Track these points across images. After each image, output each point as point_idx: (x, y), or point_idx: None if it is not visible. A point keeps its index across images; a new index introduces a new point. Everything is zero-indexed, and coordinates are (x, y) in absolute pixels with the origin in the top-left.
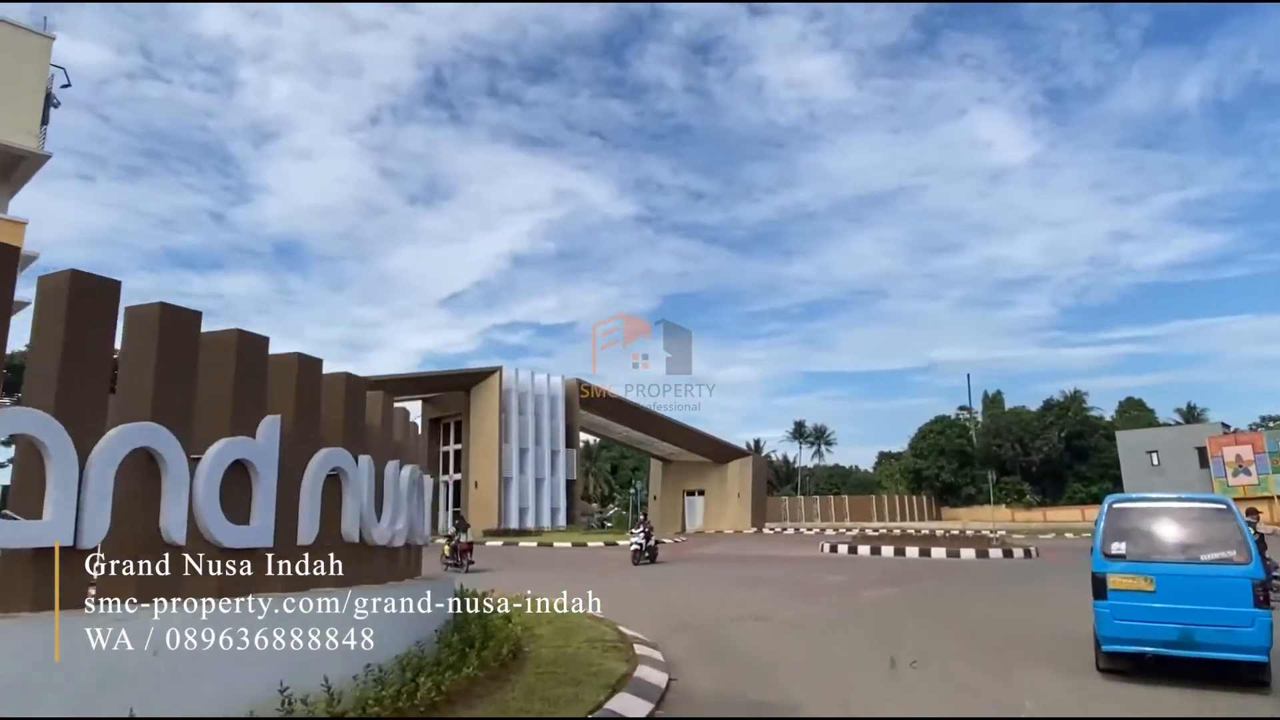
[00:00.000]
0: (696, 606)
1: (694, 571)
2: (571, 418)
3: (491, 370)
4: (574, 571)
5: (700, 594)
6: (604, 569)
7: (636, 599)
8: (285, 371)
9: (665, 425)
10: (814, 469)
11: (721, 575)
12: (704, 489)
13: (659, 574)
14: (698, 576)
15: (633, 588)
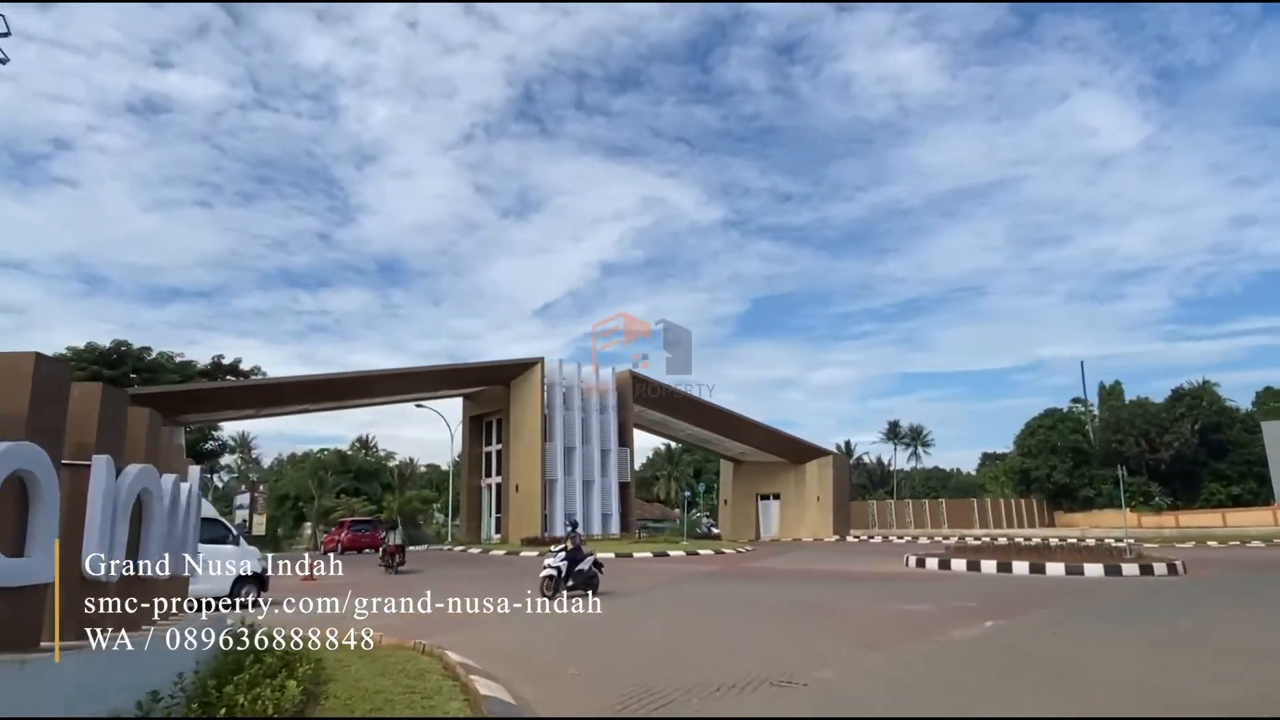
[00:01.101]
0: (690, 653)
1: (723, 594)
2: (624, 414)
3: (532, 362)
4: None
5: (711, 630)
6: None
7: (597, 634)
8: None
9: (733, 422)
10: (910, 472)
11: (763, 599)
12: (779, 492)
13: (668, 597)
14: (726, 601)
15: (613, 614)
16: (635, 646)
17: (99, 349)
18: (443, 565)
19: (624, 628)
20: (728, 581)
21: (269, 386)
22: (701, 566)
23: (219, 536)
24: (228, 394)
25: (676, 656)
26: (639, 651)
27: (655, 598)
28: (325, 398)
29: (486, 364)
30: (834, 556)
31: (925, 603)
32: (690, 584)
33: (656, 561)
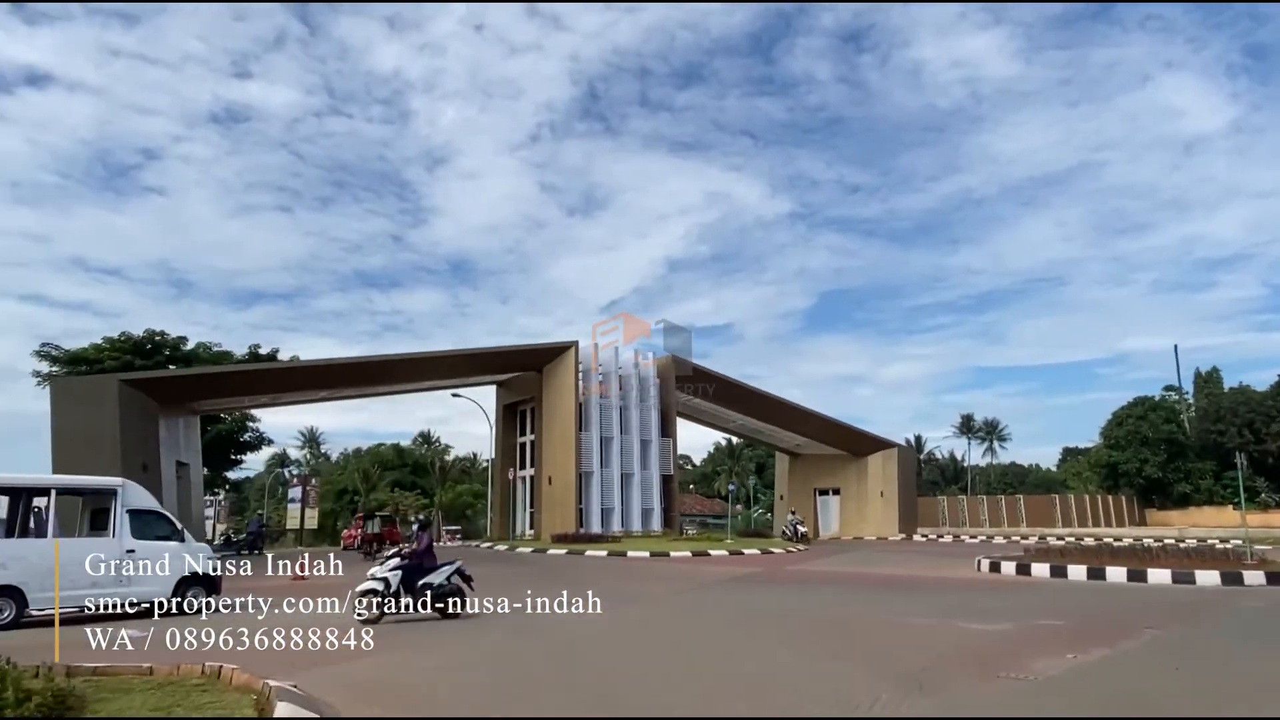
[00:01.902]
0: (648, 693)
1: (751, 604)
2: (667, 401)
3: (566, 346)
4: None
5: (708, 656)
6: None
7: (544, 661)
8: None
9: (787, 412)
10: (985, 467)
11: (796, 611)
12: (839, 487)
13: (680, 607)
14: (749, 613)
15: (591, 633)
16: (577, 681)
17: (134, 339)
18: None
19: (591, 650)
20: (763, 587)
21: (286, 371)
22: (741, 568)
23: (161, 534)
24: (238, 378)
25: (624, 699)
26: (577, 689)
27: (664, 608)
28: (347, 383)
29: (517, 347)
30: (895, 558)
31: (999, 620)
32: (718, 590)
33: (693, 562)
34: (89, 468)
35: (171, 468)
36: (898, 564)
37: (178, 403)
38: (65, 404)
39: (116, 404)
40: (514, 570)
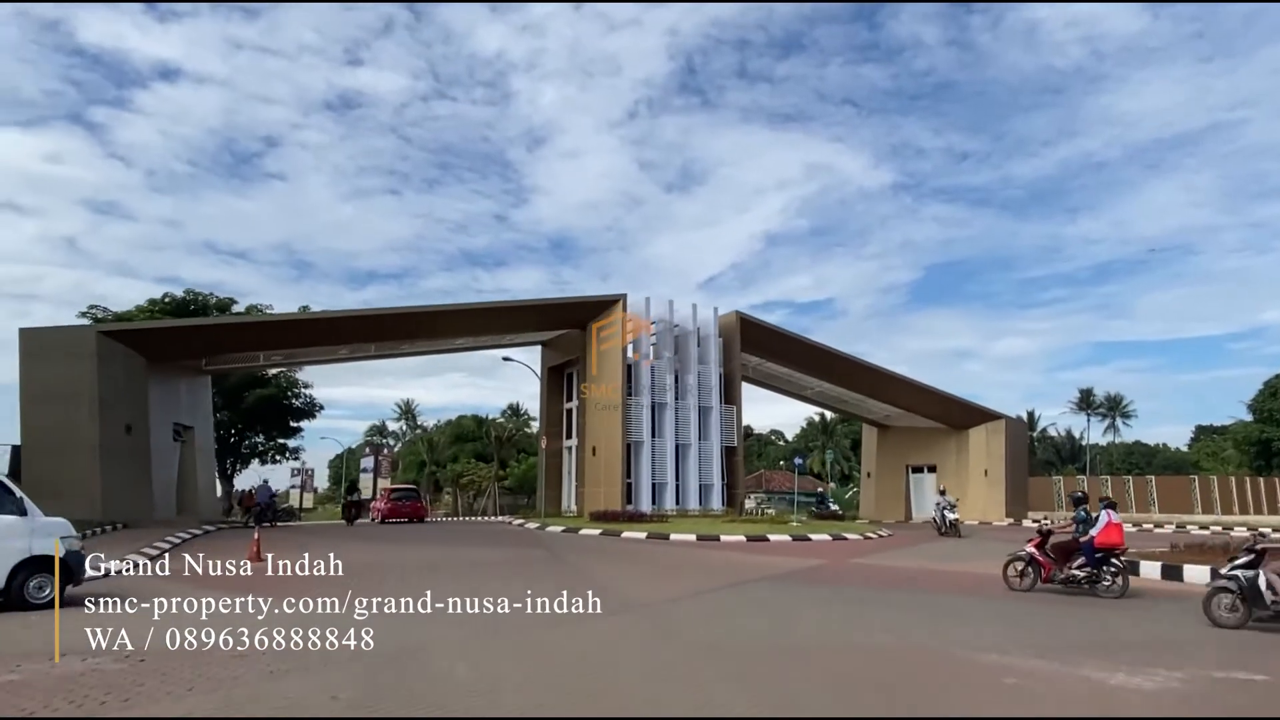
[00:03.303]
0: None
1: (775, 618)
2: (731, 364)
3: (613, 299)
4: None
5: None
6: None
7: None
8: None
9: (874, 378)
10: (1106, 446)
11: (829, 638)
12: (935, 464)
13: (678, 617)
14: (757, 638)
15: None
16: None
17: (175, 299)
18: (439, 541)
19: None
20: (812, 590)
21: (290, 324)
22: (798, 559)
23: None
24: (237, 331)
25: None
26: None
27: (646, 624)
28: (365, 338)
29: (559, 300)
30: (998, 549)
31: (1155, 666)
32: (751, 592)
33: (745, 549)
34: (62, 428)
35: (167, 430)
36: (1001, 558)
37: (171, 359)
38: (36, 356)
39: (95, 357)
40: (510, 554)
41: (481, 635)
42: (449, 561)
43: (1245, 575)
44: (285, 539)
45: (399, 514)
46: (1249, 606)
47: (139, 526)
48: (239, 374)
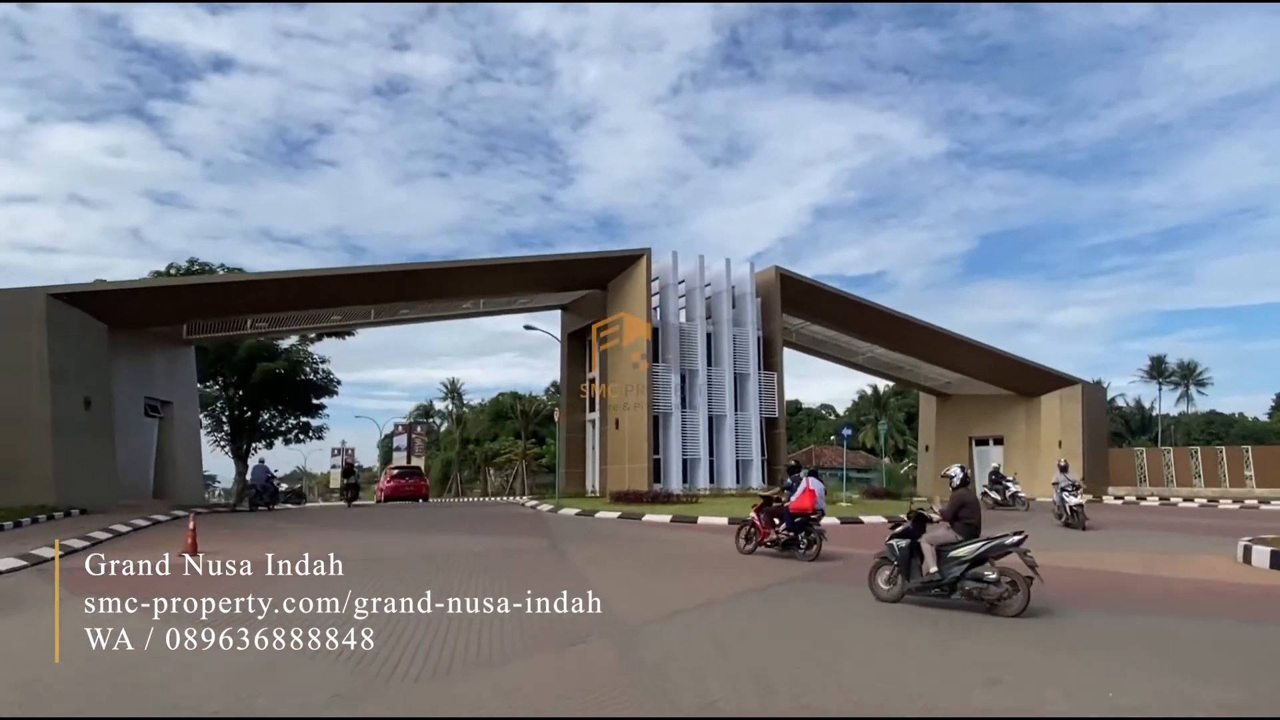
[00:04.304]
0: None
1: (765, 649)
2: (770, 326)
3: (635, 255)
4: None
5: None
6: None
7: None
8: None
9: (933, 340)
10: (1178, 417)
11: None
12: (1002, 435)
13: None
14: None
15: None
16: None
17: (179, 269)
18: (434, 526)
19: None
20: (858, 596)
21: (286, 283)
22: (848, 548)
23: None
24: (220, 292)
25: None
26: None
27: (640, 649)
28: (367, 298)
29: (576, 256)
30: (1085, 536)
31: None
32: (782, 598)
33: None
34: (8, 403)
35: (138, 405)
36: (1086, 546)
37: (138, 325)
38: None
39: (45, 323)
40: (497, 545)
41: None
42: (410, 555)
43: (899, 545)
44: (255, 526)
45: (401, 493)
46: (904, 578)
47: (100, 512)
48: (246, 347)
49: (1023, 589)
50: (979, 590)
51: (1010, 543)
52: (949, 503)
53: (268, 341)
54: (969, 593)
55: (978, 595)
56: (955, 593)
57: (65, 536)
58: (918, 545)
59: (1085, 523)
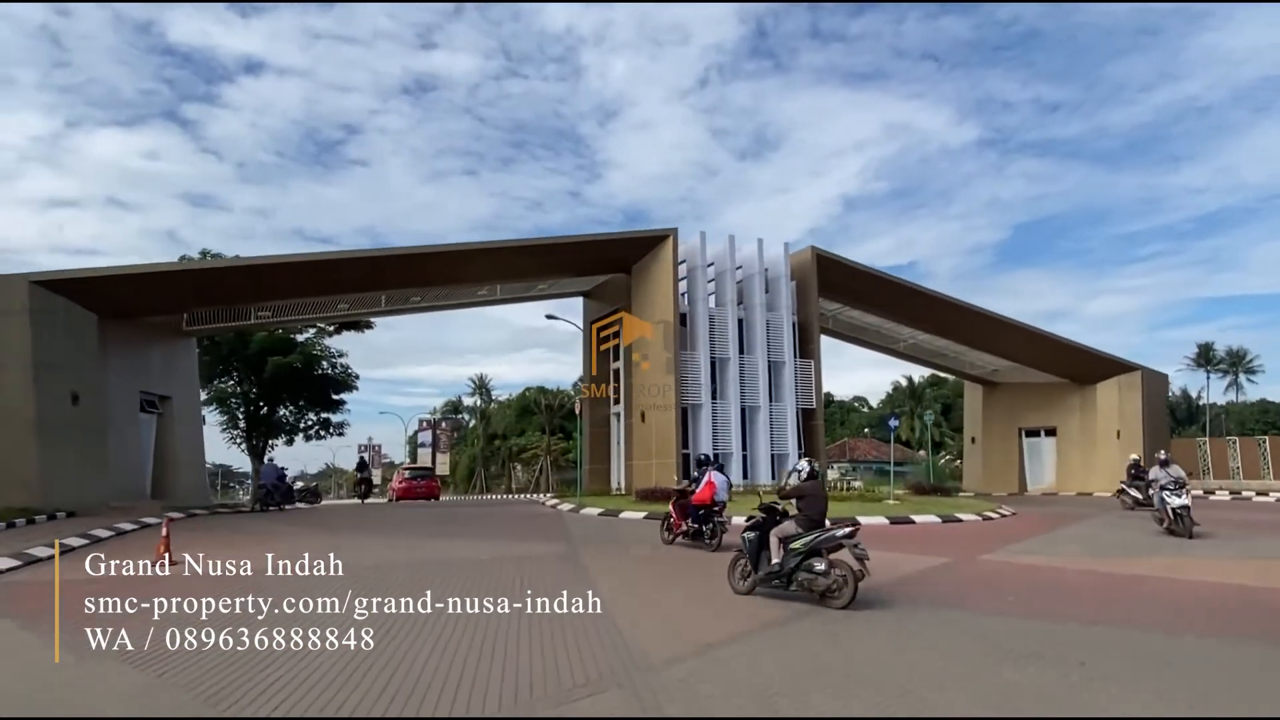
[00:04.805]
0: None
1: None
2: (807, 311)
3: (661, 236)
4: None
5: None
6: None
7: None
8: None
9: (981, 325)
10: (1226, 406)
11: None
12: (1055, 426)
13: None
14: None
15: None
16: None
17: (191, 260)
18: (439, 525)
19: None
20: (931, 620)
21: (288, 268)
22: (905, 555)
23: None
24: (217, 278)
25: None
26: None
27: (663, 707)
28: (375, 284)
29: (597, 237)
30: (1202, 543)
31: None
32: (836, 627)
33: None
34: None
35: (133, 400)
36: (1186, 552)
37: (132, 315)
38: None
39: (28, 313)
40: (506, 552)
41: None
42: (405, 564)
43: (749, 537)
44: (249, 530)
45: (413, 493)
46: (754, 570)
47: (89, 515)
48: (258, 341)
49: (851, 582)
50: (809, 581)
51: (840, 535)
52: (791, 493)
53: (284, 335)
54: (801, 584)
55: (809, 586)
56: (792, 584)
57: (33, 544)
58: (767, 538)
59: (1193, 529)
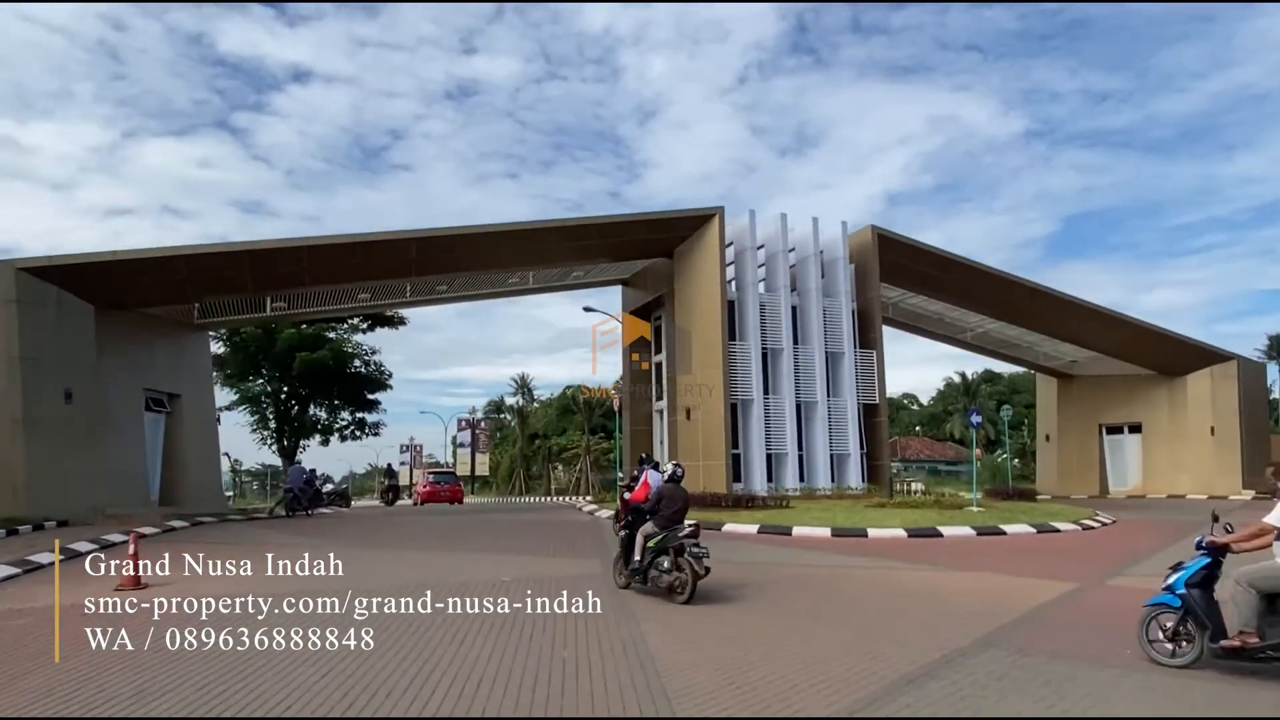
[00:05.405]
0: None
1: None
2: (867, 296)
3: (706, 215)
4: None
5: None
6: None
7: None
8: None
9: (1061, 312)
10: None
11: None
12: (1140, 422)
13: None
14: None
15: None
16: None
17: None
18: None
19: None
20: (1111, 689)
21: (298, 252)
22: (1018, 580)
23: None
24: (221, 263)
25: None
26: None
27: None
28: (395, 270)
29: (633, 218)
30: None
31: None
32: (988, 699)
33: (913, 555)
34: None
35: (136, 399)
36: None
37: (132, 305)
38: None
39: (15, 303)
40: (538, 571)
41: None
42: (413, 586)
43: (622, 535)
44: (246, 540)
45: (437, 497)
46: (625, 566)
47: (82, 524)
48: (285, 338)
49: (691, 580)
50: (656, 578)
51: (682, 535)
52: (651, 495)
53: (312, 331)
54: (652, 580)
55: (657, 582)
56: (648, 580)
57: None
58: (634, 536)
59: None
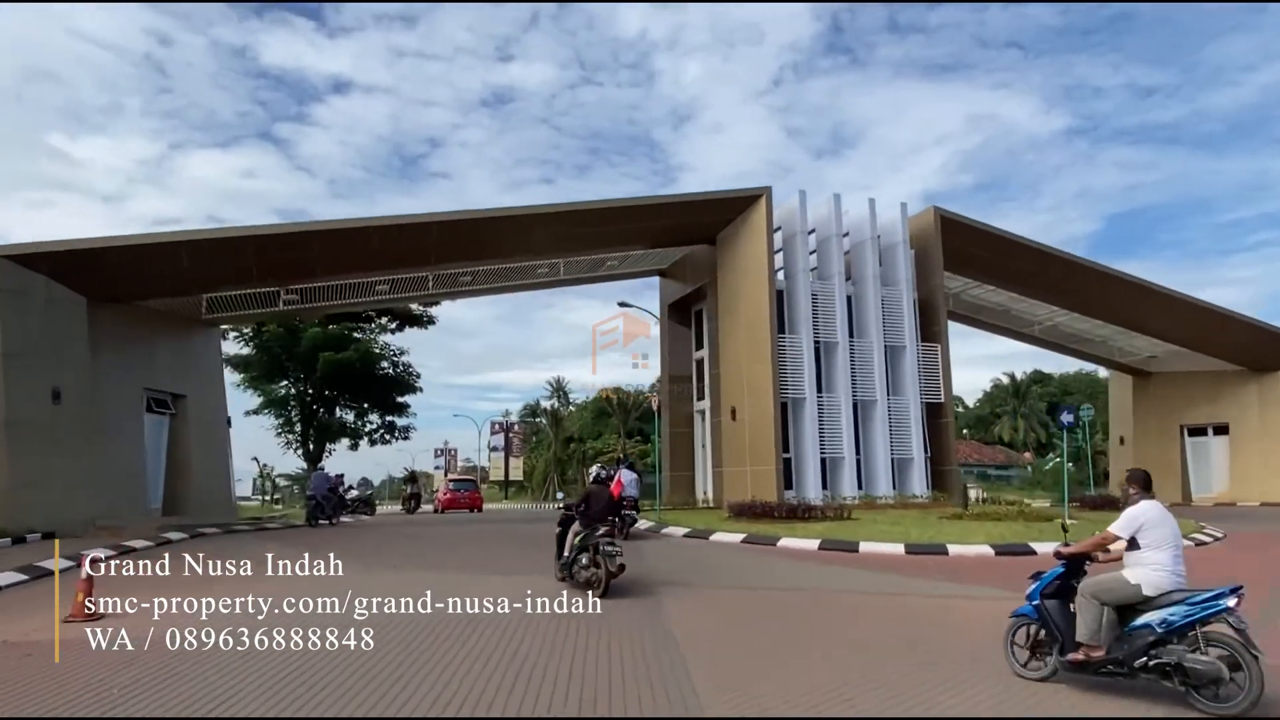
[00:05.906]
0: None
1: None
2: (929, 285)
3: (752, 196)
4: None
5: None
6: None
7: None
8: None
9: (1138, 300)
10: None
11: None
12: (1226, 423)
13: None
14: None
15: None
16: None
17: None
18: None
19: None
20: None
21: (307, 238)
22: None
23: None
24: (225, 251)
25: None
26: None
27: None
28: (414, 259)
29: (672, 200)
30: None
31: None
32: None
33: (1007, 578)
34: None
35: (136, 399)
36: None
37: (130, 297)
38: None
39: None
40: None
41: None
42: (414, 619)
43: (557, 532)
44: (238, 554)
45: (457, 504)
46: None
47: (71, 536)
48: (309, 338)
49: (604, 577)
50: (577, 572)
51: (598, 535)
52: (579, 496)
53: (337, 331)
54: (574, 574)
55: (576, 576)
56: (573, 575)
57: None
58: (565, 534)
59: None
